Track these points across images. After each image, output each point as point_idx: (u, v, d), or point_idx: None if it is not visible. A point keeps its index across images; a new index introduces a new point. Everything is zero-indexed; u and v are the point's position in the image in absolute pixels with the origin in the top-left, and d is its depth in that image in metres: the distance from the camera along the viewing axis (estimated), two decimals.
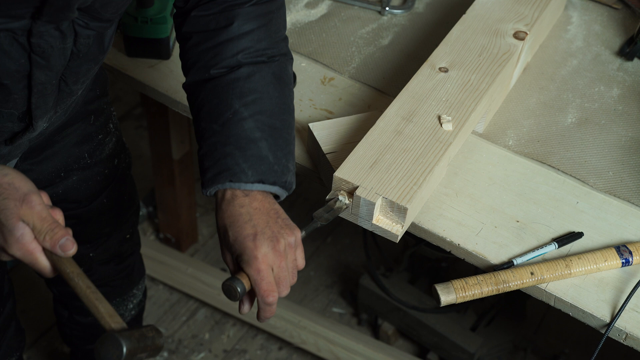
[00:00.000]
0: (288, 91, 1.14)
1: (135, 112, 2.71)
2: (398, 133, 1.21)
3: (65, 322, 1.70)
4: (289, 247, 1.03)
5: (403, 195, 1.12)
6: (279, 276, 1.01)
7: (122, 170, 1.48)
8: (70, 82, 1.08)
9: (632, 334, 1.10)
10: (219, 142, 1.06)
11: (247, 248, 1.00)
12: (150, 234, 2.35)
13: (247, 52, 1.10)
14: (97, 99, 1.34)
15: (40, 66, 0.99)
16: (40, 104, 1.06)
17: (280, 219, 1.04)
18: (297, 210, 2.41)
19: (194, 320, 2.17)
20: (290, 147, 1.11)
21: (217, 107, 1.09)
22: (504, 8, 1.44)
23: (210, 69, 1.10)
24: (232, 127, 1.07)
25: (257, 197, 1.04)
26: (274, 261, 1.01)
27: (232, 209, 1.03)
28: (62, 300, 1.65)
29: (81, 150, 1.34)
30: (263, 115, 1.08)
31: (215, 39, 1.10)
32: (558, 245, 1.19)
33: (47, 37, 0.96)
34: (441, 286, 1.10)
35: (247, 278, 1.00)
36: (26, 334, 2.08)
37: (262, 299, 1.00)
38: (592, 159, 1.35)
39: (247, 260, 1.00)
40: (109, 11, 1.02)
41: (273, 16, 1.13)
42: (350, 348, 2.02)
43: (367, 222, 1.15)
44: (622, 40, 1.59)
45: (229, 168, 1.04)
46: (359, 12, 1.64)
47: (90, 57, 1.07)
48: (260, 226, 1.01)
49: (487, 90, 1.28)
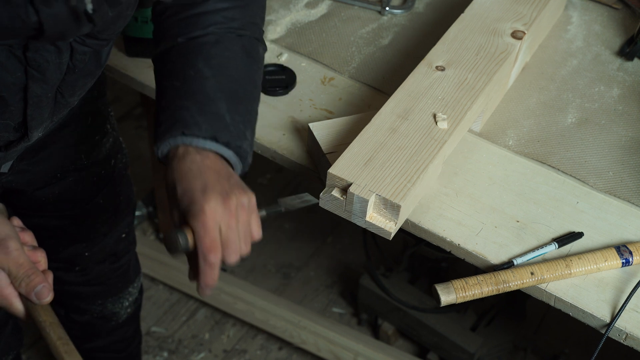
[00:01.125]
0: (256, 67, 1.10)
1: (135, 112, 2.71)
2: (393, 131, 1.21)
3: (62, 321, 1.70)
4: (241, 208, 0.95)
5: (397, 193, 1.12)
6: (227, 237, 0.93)
7: (119, 170, 1.48)
8: (67, 95, 1.08)
9: (632, 334, 1.10)
10: (176, 96, 1.02)
11: (194, 200, 0.92)
12: (150, 234, 2.35)
13: (219, 26, 1.08)
14: (95, 101, 1.34)
15: (36, 79, 0.99)
16: (36, 115, 1.05)
17: (233, 179, 0.98)
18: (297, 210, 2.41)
19: (194, 320, 2.17)
20: (250, 116, 1.06)
21: (180, 66, 1.05)
22: (502, 7, 1.44)
23: (178, 37, 1.08)
24: (193, 84, 1.03)
25: (210, 156, 0.98)
26: (223, 218, 0.93)
27: (182, 165, 0.97)
28: (58, 299, 1.65)
29: (78, 151, 1.34)
30: (226, 79, 1.04)
31: (188, 12, 1.08)
32: (558, 245, 1.18)
33: (43, 51, 0.96)
34: (441, 286, 1.10)
35: (192, 233, 0.92)
36: (26, 334, 2.09)
37: (203, 256, 0.92)
38: (592, 159, 1.35)
39: (194, 212, 0.92)
40: (105, 35, 1.02)
41: (250, 1, 1.12)
42: (350, 348, 2.02)
43: (360, 219, 1.15)
44: (622, 40, 1.59)
45: (183, 119, 0.99)
46: (359, 12, 1.64)
47: (87, 72, 1.07)
48: (210, 181, 0.94)
49: (484, 89, 1.28)
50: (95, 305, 1.63)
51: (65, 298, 1.63)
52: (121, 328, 1.73)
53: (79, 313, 1.65)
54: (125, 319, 1.72)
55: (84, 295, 1.60)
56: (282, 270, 2.30)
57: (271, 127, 1.37)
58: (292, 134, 1.35)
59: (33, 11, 0.85)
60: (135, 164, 2.52)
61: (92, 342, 1.72)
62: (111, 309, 1.65)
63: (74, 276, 1.55)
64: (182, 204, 0.95)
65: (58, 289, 1.61)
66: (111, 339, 1.73)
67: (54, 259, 1.49)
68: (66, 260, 1.52)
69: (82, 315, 1.65)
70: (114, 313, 1.66)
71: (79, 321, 1.67)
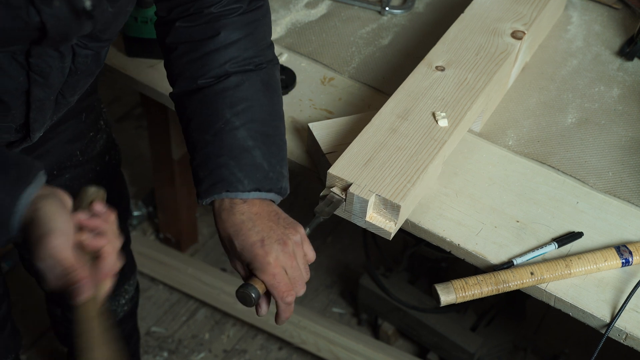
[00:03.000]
0: (277, 98, 1.14)
1: (135, 112, 2.71)
2: (393, 131, 1.21)
3: (59, 321, 1.70)
4: (297, 246, 1.04)
5: (396, 193, 1.12)
6: (293, 277, 1.03)
7: (113, 166, 1.48)
8: (68, 95, 1.09)
9: (632, 334, 1.10)
10: (212, 152, 1.07)
11: (257, 255, 1.01)
12: (150, 234, 2.35)
13: (234, 61, 1.10)
14: (88, 96, 1.35)
15: (38, 84, 0.99)
16: (38, 117, 1.06)
17: (281, 220, 1.05)
18: (297, 210, 2.41)
19: (194, 320, 2.17)
20: (282, 153, 1.11)
21: (208, 117, 1.09)
22: (502, 7, 1.44)
23: (198, 80, 1.10)
24: (225, 137, 1.07)
25: (255, 202, 1.05)
26: (286, 263, 1.02)
27: (233, 218, 1.03)
28: (54, 299, 1.65)
29: (73, 148, 1.35)
30: (255, 124, 1.08)
31: (201, 50, 1.10)
32: (558, 245, 1.18)
33: (45, 57, 0.96)
34: (441, 286, 1.10)
35: (260, 283, 1.02)
36: (26, 335, 2.09)
37: (281, 300, 1.02)
38: (592, 159, 1.35)
39: (260, 267, 1.01)
40: (107, 34, 1.03)
41: (259, 24, 1.13)
42: (350, 348, 2.02)
43: (360, 219, 1.15)
44: (622, 40, 1.59)
45: (225, 178, 1.05)
46: (359, 12, 1.64)
47: (88, 72, 1.07)
48: (265, 231, 1.02)
49: (484, 89, 1.28)
50: None
51: (62, 297, 1.63)
52: (119, 326, 1.73)
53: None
54: (122, 317, 1.72)
55: None
56: None
57: None
58: (292, 134, 1.35)
59: (35, 12, 0.85)
60: (135, 164, 2.52)
61: None
62: (108, 307, 1.64)
63: None
64: (244, 258, 1.03)
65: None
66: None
67: None
68: None
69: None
70: (111, 311, 1.66)
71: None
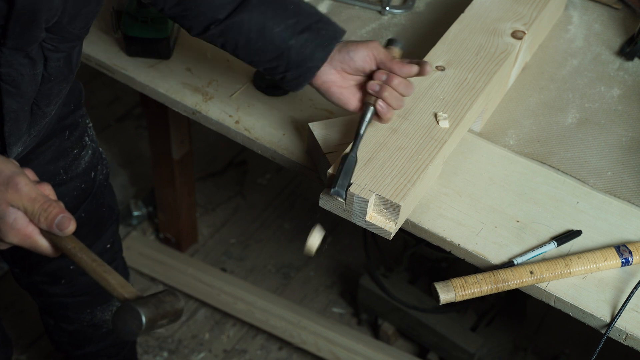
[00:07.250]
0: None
1: (135, 112, 2.70)
2: (393, 131, 1.21)
3: (52, 330, 1.68)
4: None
5: (397, 193, 1.12)
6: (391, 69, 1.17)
7: (100, 182, 1.45)
8: (43, 105, 1.07)
9: (632, 334, 1.10)
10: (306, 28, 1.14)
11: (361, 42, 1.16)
12: (150, 234, 2.35)
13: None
14: (72, 114, 1.32)
15: (11, 94, 0.97)
16: (13, 130, 1.03)
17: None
18: (297, 210, 2.41)
19: (194, 320, 2.17)
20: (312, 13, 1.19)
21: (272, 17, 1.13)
22: (502, 7, 1.44)
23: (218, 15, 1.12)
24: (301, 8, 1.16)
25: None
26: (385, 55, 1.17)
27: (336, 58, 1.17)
28: (47, 310, 1.63)
29: (56, 167, 1.32)
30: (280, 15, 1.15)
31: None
32: (557, 244, 1.18)
33: (16, 65, 0.94)
34: (440, 284, 1.10)
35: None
36: (26, 335, 2.09)
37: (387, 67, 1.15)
38: (592, 159, 1.35)
39: (366, 43, 1.16)
40: (77, 26, 1.00)
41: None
42: (350, 348, 2.02)
43: (360, 219, 1.15)
44: (622, 40, 1.59)
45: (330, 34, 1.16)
46: (359, 12, 1.64)
47: (61, 78, 1.05)
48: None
49: (484, 89, 1.28)
50: (84, 314, 1.60)
51: (53, 308, 1.60)
52: (113, 334, 1.71)
53: (68, 322, 1.62)
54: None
55: (72, 305, 1.57)
56: (282, 270, 2.30)
57: (271, 127, 1.37)
58: (292, 134, 1.35)
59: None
60: (135, 164, 2.52)
61: (84, 349, 1.70)
62: (101, 317, 1.62)
63: (60, 288, 1.52)
64: (354, 62, 1.15)
65: (45, 300, 1.59)
66: (103, 344, 1.71)
67: (38, 273, 1.47)
68: (51, 274, 1.48)
69: (71, 324, 1.62)
70: (104, 320, 1.63)
71: (69, 330, 1.64)
